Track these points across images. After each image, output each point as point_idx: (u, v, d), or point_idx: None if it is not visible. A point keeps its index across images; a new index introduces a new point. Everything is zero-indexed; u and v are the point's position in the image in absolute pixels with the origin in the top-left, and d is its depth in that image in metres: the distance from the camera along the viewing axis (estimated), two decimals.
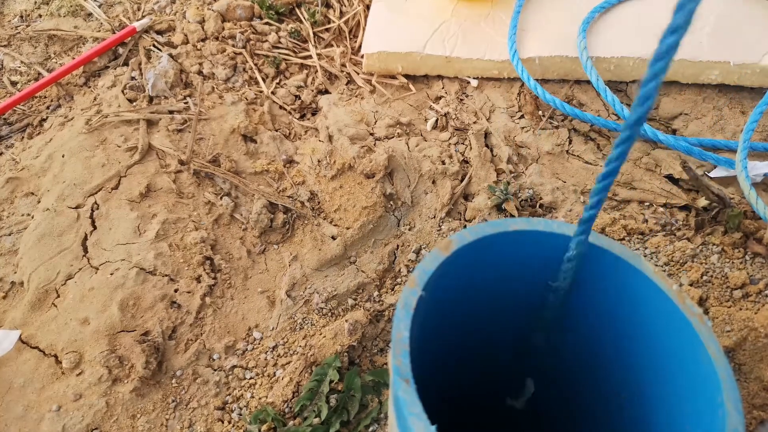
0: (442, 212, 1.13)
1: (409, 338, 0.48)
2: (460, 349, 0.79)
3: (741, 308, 0.97)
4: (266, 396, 0.93)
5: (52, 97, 1.34)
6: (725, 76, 1.27)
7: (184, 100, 1.30)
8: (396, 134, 1.25)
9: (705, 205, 1.10)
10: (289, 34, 1.46)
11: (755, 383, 0.91)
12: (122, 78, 1.34)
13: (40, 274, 1.02)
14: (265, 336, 1.00)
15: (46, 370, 0.93)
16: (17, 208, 1.14)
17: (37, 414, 0.89)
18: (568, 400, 0.79)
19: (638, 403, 0.64)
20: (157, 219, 1.08)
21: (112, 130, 1.22)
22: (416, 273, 0.53)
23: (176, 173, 1.16)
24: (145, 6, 1.53)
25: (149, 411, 0.91)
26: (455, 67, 1.34)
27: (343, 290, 1.04)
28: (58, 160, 1.18)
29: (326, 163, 1.17)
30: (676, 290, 0.53)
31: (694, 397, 0.52)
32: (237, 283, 1.05)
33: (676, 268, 1.03)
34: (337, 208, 1.13)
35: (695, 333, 0.51)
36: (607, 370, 0.68)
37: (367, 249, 1.10)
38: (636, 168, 1.19)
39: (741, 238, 1.05)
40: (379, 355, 0.99)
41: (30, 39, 1.47)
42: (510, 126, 1.27)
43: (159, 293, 1.00)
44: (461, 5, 1.41)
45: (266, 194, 1.14)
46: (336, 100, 1.33)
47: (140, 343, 0.94)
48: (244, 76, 1.38)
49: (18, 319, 0.98)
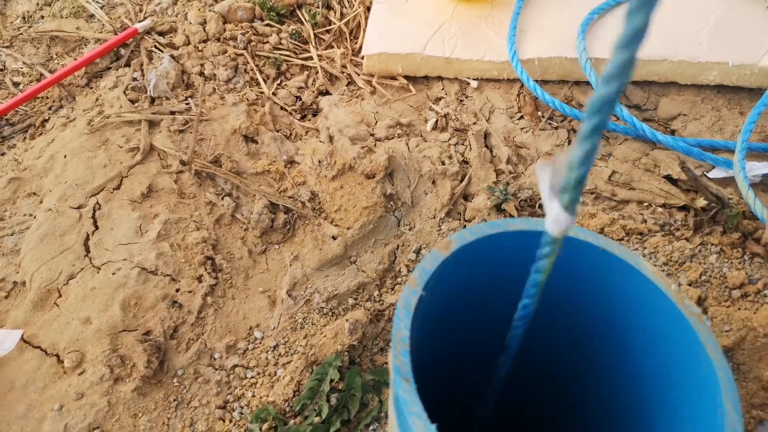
0: (441, 212, 1.14)
1: (410, 337, 0.49)
2: (460, 348, 0.79)
3: (739, 308, 0.97)
4: (267, 395, 0.93)
5: (54, 97, 1.35)
6: (724, 76, 1.28)
7: (185, 100, 1.31)
8: (396, 135, 1.26)
9: (703, 205, 1.11)
10: (290, 35, 1.47)
11: (754, 383, 0.91)
12: (124, 79, 1.34)
13: (42, 273, 1.03)
14: (266, 335, 1.00)
15: (48, 370, 0.94)
16: (19, 208, 1.15)
17: (39, 413, 0.90)
18: (567, 400, 0.80)
19: (637, 403, 0.64)
20: (159, 219, 1.09)
21: (113, 130, 1.23)
22: (416, 273, 0.53)
23: (178, 174, 1.17)
24: (147, 7, 1.54)
25: (151, 410, 0.91)
26: (455, 68, 1.34)
27: (344, 290, 1.05)
28: (60, 161, 1.18)
29: (327, 163, 1.18)
30: (674, 290, 0.54)
31: (693, 397, 0.53)
32: (238, 282, 1.06)
33: (674, 268, 1.04)
34: (337, 208, 1.14)
35: (694, 333, 0.51)
36: (606, 370, 0.69)
37: (367, 249, 1.10)
38: (635, 168, 1.19)
39: (739, 238, 1.05)
40: (379, 354, 1.00)
41: (32, 40, 1.48)
42: (509, 127, 1.27)
43: (160, 293, 1.00)
44: (461, 7, 1.42)
45: (267, 194, 1.15)
46: (336, 101, 1.34)
47: (142, 342, 0.94)
48: (246, 77, 1.39)
49: (20, 319, 0.99)
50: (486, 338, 0.77)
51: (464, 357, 0.81)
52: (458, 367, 0.84)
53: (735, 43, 1.28)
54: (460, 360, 0.82)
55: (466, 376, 0.87)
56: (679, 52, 1.27)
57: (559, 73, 1.33)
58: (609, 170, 1.19)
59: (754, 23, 1.33)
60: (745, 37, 1.29)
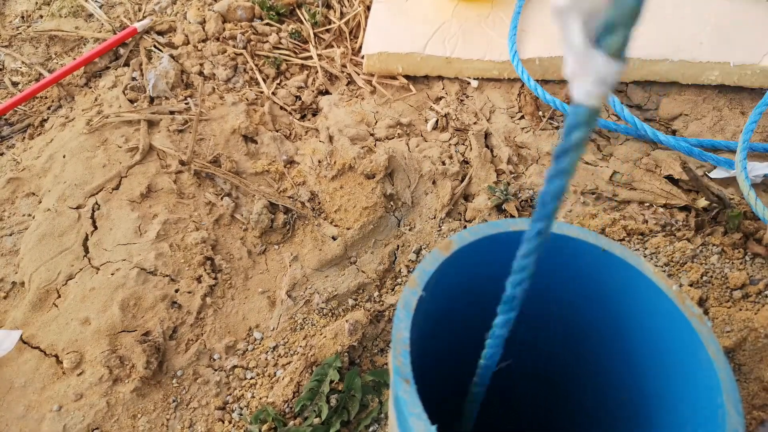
0: (442, 213, 1.14)
1: (410, 338, 0.49)
2: (461, 349, 0.79)
3: (741, 308, 0.97)
4: (267, 396, 0.93)
5: (53, 97, 1.35)
6: (725, 76, 1.28)
7: (184, 100, 1.30)
8: (396, 135, 1.25)
9: (705, 205, 1.10)
10: (290, 34, 1.47)
11: (755, 383, 0.91)
12: (123, 79, 1.34)
13: (41, 274, 1.02)
14: (266, 336, 1.00)
15: (46, 370, 0.94)
16: (18, 208, 1.14)
17: (38, 414, 0.89)
18: (567, 401, 0.79)
19: (639, 403, 0.64)
20: (158, 219, 1.09)
21: (112, 130, 1.22)
22: (416, 273, 0.53)
23: (177, 174, 1.17)
24: (146, 7, 1.54)
25: (150, 411, 0.91)
26: (455, 67, 1.34)
27: (344, 290, 1.04)
28: (59, 161, 1.18)
29: (327, 163, 1.17)
30: (676, 291, 0.53)
31: (695, 398, 0.52)
32: (237, 283, 1.05)
33: (676, 269, 1.04)
34: (337, 208, 1.13)
35: (695, 333, 0.51)
36: (608, 371, 0.69)
37: (367, 249, 1.10)
38: (636, 168, 1.19)
39: (741, 239, 1.05)
40: (379, 355, 0.99)
41: (31, 39, 1.48)
42: (510, 126, 1.27)
43: (160, 293, 1.00)
44: (462, 6, 1.42)
45: (267, 195, 1.14)
46: (336, 100, 1.33)
47: (141, 343, 0.94)
48: (245, 76, 1.38)
49: (19, 320, 0.98)
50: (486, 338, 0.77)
51: (464, 357, 0.81)
52: (458, 368, 0.84)
53: (736, 43, 1.28)
54: (461, 360, 0.81)
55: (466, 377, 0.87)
56: (681, 52, 1.27)
57: (559, 73, 1.32)
58: (610, 170, 1.19)
59: (755, 23, 1.32)
60: (747, 37, 1.29)
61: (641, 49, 1.28)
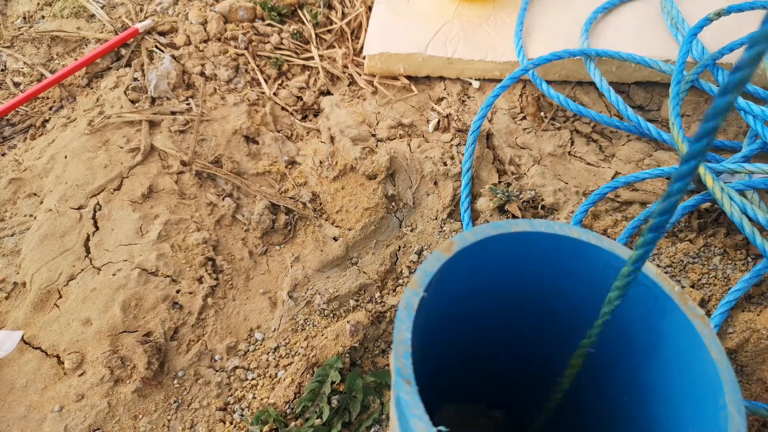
0: (443, 213, 1.13)
1: (411, 339, 0.48)
2: (462, 351, 0.79)
3: (743, 310, 0.97)
4: (268, 397, 0.93)
5: (54, 98, 1.35)
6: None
7: (186, 101, 1.30)
8: (398, 135, 1.25)
9: (707, 207, 1.10)
10: (291, 35, 1.47)
11: (757, 385, 0.91)
12: (125, 79, 1.34)
13: (42, 274, 1.02)
14: (267, 337, 1.00)
15: (48, 371, 0.94)
16: (20, 208, 1.14)
17: (39, 414, 0.89)
18: (568, 401, 0.79)
19: (640, 405, 0.64)
20: (159, 220, 1.09)
21: (114, 131, 1.22)
22: (418, 274, 0.53)
23: (178, 174, 1.17)
24: (148, 7, 1.54)
25: (151, 411, 0.91)
26: (457, 68, 1.34)
27: (345, 291, 1.04)
28: (61, 161, 1.18)
29: (328, 164, 1.17)
30: (678, 292, 0.53)
31: (697, 400, 0.52)
32: (239, 284, 1.05)
33: (678, 270, 1.03)
34: (338, 209, 1.13)
35: (697, 335, 0.51)
36: (610, 372, 0.68)
37: (368, 250, 1.10)
38: (638, 169, 1.19)
39: (743, 240, 1.05)
40: (380, 356, 0.99)
41: (33, 40, 1.48)
42: (512, 127, 1.27)
43: (161, 294, 1.00)
44: (463, 6, 1.42)
45: (268, 195, 1.14)
46: (338, 101, 1.33)
47: (142, 343, 0.94)
48: (246, 77, 1.38)
49: (20, 320, 0.99)
50: (488, 340, 0.77)
51: (466, 358, 0.81)
52: (460, 369, 0.83)
53: None
54: (462, 361, 0.81)
55: (468, 378, 0.87)
56: None
57: (561, 73, 1.32)
58: (612, 171, 1.19)
59: (756, 23, 1.32)
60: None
61: (643, 49, 1.28)
